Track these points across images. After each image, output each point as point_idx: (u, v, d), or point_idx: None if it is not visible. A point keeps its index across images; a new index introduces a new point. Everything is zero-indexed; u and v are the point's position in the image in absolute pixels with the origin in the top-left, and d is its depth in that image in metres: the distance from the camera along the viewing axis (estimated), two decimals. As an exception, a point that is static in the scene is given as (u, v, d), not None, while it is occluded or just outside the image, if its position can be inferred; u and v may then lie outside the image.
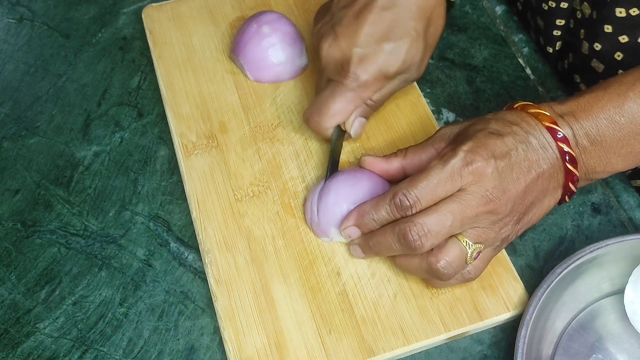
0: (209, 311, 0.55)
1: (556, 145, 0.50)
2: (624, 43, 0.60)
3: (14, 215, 0.60)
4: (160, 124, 0.65)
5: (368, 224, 0.52)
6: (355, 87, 0.56)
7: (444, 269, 0.49)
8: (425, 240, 0.48)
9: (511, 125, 0.50)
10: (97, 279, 0.57)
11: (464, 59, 0.70)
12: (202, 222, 0.58)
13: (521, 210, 0.50)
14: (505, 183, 0.48)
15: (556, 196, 0.52)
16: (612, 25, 0.60)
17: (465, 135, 0.51)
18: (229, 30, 0.70)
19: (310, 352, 0.52)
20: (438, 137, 0.53)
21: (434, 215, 0.48)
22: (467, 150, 0.48)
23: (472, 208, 0.48)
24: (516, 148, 0.49)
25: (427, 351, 0.54)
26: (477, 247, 0.49)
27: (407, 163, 0.55)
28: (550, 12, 0.67)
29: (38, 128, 0.66)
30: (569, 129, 0.50)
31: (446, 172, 0.48)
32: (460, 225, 0.48)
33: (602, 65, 0.62)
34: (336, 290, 0.54)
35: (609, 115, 0.50)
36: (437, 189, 0.48)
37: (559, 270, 0.52)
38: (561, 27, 0.67)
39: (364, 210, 0.52)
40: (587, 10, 0.62)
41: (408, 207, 0.49)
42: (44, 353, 0.54)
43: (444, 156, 0.49)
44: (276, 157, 0.62)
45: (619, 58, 0.61)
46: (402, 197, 0.49)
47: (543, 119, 0.51)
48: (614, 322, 0.54)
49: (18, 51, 0.71)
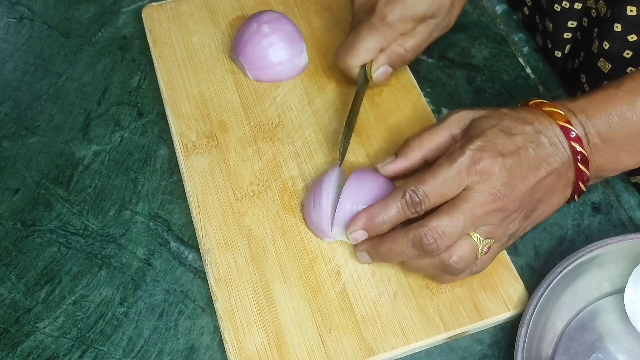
0: (209, 310, 0.55)
1: (568, 144, 0.50)
2: (632, 42, 0.60)
3: (13, 214, 0.60)
4: (160, 124, 0.65)
5: (377, 227, 0.51)
6: (382, 25, 0.57)
7: (457, 264, 0.49)
8: (441, 243, 0.48)
9: (524, 124, 0.50)
10: (97, 278, 0.57)
11: (464, 58, 0.70)
12: (202, 222, 0.58)
13: (529, 207, 0.50)
14: (513, 180, 0.49)
15: (565, 194, 0.52)
16: (621, 23, 0.60)
17: (475, 129, 0.51)
18: (229, 30, 0.70)
19: (310, 352, 0.52)
20: (453, 122, 0.53)
21: (447, 217, 0.48)
22: (474, 149, 0.49)
23: (482, 206, 0.48)
24: (525, 147, 0.49)
25: (427, 350, 0.54)
26: (487, 242, 0.50)
27: (425, 151, 0.54)
28: (562, 14, 0.66)
29: (38, 127, 0.66)
30: (581, 128, 0.51)
31: (453, 170, 0.48)
32: (472, 224, 0.49)
33: (609, 65, 0.62)
34: (336, 290, 0.54)
35: (621, 112, 0.50)
36: (444, 187, 0.48)
37: (559, 270, 0.52)
38: (572, 29, 0.67)
39: (372, 214, 0.51)
40: (603, 9, 0.61)
41: (418, 202, 0.49)
42: (44, 352, 0.54)
43: (452, 154, 0.49)
44: (276, 156, 0.62)
45: (628, 56, 0.61)
46: (412, 193, 0.49)
47: (557, 117, 0.51)
48: (614, 321, 0.54)
49: (18, 50, 0.71)
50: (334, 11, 0.72)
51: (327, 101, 0.65)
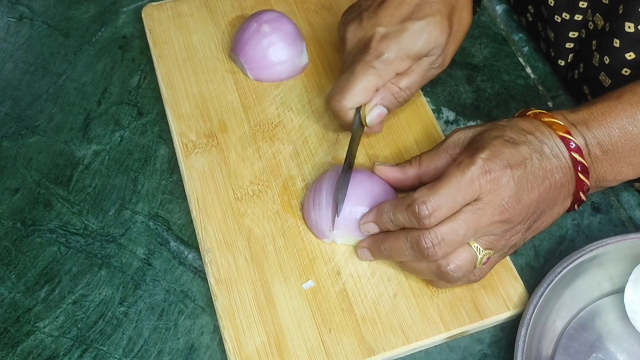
0: (208, 310, 0.55)
1: (569, 154, 0.50)
2: (630, 60, 0.60)
3: (13, 214, 0.60)
4: (160, 123, 0.65)
5: (385, 223, 0.51)
6: (377, 64, 0.56)
7: (454, 272, 0.49)
8: (438, 249, 0.48)
9: (526, 134, 0.50)
10: (97, 278, 0.57)
11: (464, 58, 0.70)
12: (202, 221, 0.58)
13: (533, 218, 0.50)
14: (520, 192, 0.48)
15: (565, 205, 0.52)
16: (620, 39, 0.59)
17: (480, 142, 0.50)
18: (229, 29, 0.70)
19: (310, 351, 0.52)
20: (452, 143, 0.53)
21: (449, 223, 0.47)
22: (485, 159, 0.48)
23: (487, 217, 0.48)
24: (531, 157, 0.49)
25: (427, 350, 0.54)
26: (487, 253, 0.49)
27: (422, 171, 0.54)
28: (562, 25, 0.66)
29: (38, 127, 0.66)
30: (581, 138, 0.50)
31: (466, 179, 0.47)
32: (473, 233, 0.48)
33: (609, 80, 0.62)
34: (336, 290, 0.54)
35: (621, 124, 0.50)
36: (458, 196, 0.47)
37: (559, 270, 0.52)
38: (574, 39, 0.66)
39: (382, 209, 0.51)
40: (599, 22, 0.61)
41: (427, 216, 0.47)
42: (44, 352, 0.54)
43: (461, 164, 0.48)
44: (276, 156, 0.62)
45: (626, 74, 0.61)
46: (421, 205, 0.47)
47: (557, 128, 0.50)
48: (614, 321, 0.54)
49: (18, 50, 0.71)
50: (334, 11, 0.72)
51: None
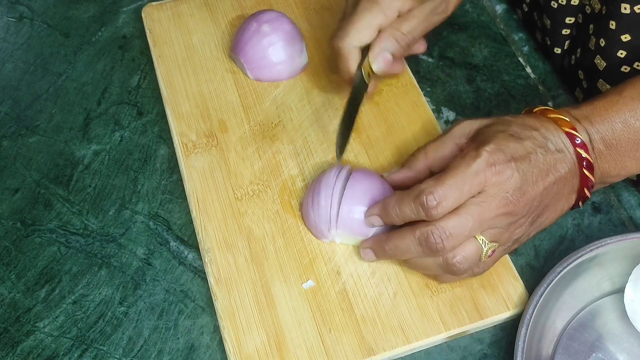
0: (208, 310, 0.55)
1: (574, 150, 0.50)
2: (625, 42, 0.60)
3: (13, 214, 0.60)
4: (160, 123, 0.65)
5: (391, 216, 0.51)
6: (381, 0, 0.55)
7: (460, 265, 0.49)
8: (447, 243, 0.48)
9: (531, 130, 0.50)
10: (97, 277, 0.57)
11: (464, 57, 0.70)
12: (202, 221, 0.58)
13: (537, 212, 0.50)
14: (525, 185, 0.48)
15: (570, 201, 0.52)
16: (616, 21, 0.59)
17: (485, 135, 0.50)
18: (228, 29, 0.70)
19: (310, 351, 0.52)
20: (458, 132, 0.53)
21: (455, 217, 0.48)
22: (490, 152, 0.48)
23: (492, 210, 0.48)
24: (535, 152, 0.49)
25: (427, 350, 0.54)
26: (492, 246, 0.50)
27: (430, 162, 0.54)
28: (559, 10, 0.66)
29: (38, 127, 0.66)
30: (586, 134, 0.51)
31: (471, 171, 0.48)
32: (479, 227, 0.48)
33: (604, 63, 0.62)
34: (336, 289, 0.54)
35: (624, 118, 0.50)
36: (464, 188, 0.48)
37: (559, 269, 0.52)
38: (570, 25, 0.67)
39: (388, 203, 0.51)
40: (597, 5, 0.61)
41: (434, 206, 0.48)
42: (44, 352, 0.54)
43: (466, 156, 0.49)
44: (276, 155, 0.62)
45: (621, 56, 0.61)
46: (429, 195, 0.47)
47: (562, 124, 0.51)
48: (614, 321, 0.54)
49: (17, 50, 0.71)
50: (334, 10, 0.72)
51: (327, 101, 0.65)
